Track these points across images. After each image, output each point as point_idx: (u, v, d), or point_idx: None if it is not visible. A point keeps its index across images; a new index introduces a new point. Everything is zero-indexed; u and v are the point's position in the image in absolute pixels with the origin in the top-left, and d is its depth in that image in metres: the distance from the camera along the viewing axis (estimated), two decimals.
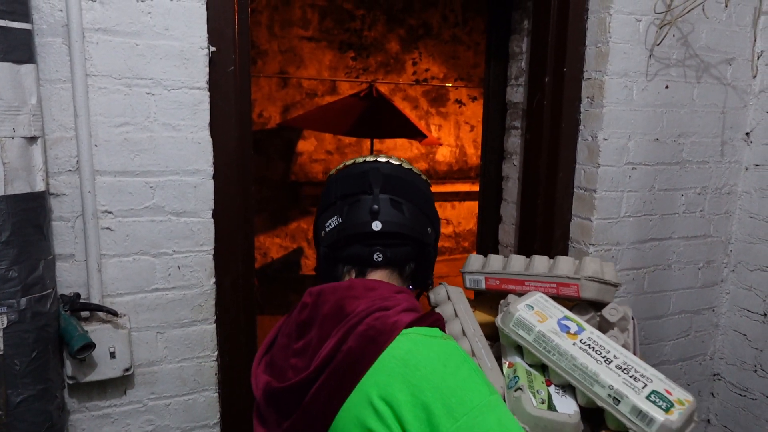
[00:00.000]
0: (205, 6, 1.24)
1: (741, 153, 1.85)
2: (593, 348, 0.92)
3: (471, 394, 0.72)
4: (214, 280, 1.36)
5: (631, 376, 0.87)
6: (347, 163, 1.01)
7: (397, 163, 0.99)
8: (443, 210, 7.33)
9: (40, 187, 1.11)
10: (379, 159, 0.98)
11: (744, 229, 1.88)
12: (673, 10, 1.57)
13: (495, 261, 1.23)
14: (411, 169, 1.01)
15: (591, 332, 0.96)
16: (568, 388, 0.93)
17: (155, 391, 1.35)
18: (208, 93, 1.28)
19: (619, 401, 0.84)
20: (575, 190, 1.72)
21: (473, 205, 7.22)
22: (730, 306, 1.94)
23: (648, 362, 1.84)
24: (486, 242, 2.15)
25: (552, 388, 0.94)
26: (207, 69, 1.26)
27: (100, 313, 1.24)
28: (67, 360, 1.21)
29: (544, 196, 1.75)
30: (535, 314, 0.97)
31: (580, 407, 0.91)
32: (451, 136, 7.26)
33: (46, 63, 1.14)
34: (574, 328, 0.96)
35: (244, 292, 1.41)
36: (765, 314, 1.83)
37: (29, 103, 1.08)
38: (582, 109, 1.68)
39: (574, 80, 1.66)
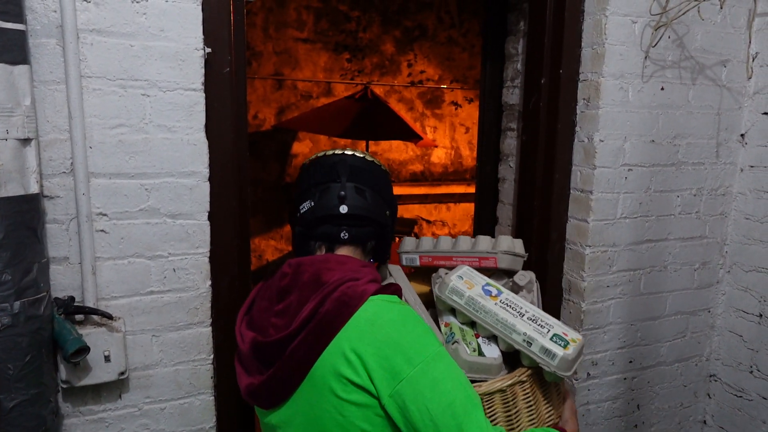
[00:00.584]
0: (200, 7, 1.23)
1: (736, 154, 1.86)
2: (510, 306, 1.18)
3: (425, 347, 0.92)
4: (209, 282, 1.35)
5: (538, 325, 1.14)
6: (318, 155, 1.17)
7: (361, 155, 1.16)
8: (438, 212, 7.33)
9: (33, 189, 1.10)
10: (346, 152, 1.15)
11: (739, 230, 1.89)
12: (668, 11, 1.58)
13: (426, 242, 1.45)
14: (373, 161, 1.17)
15: (507, 294, 1.22)
16: (492, 339, 1.19)
17: (150, 395, 1.33)
18: (204, 94, 1.27)
19: (530, 344, 1.11)
20: (571, 191, 1.72)
21: (469, 207, 7.23)
22: (726, 307, 1.95)
23: (645, 364, 1.85)
24: None
25: (480, 340, 1.20)
26: (202, 70, 1.26)
27: (95, 317, 1.23)
28: (61, 364, 1.19)
29: (540, 198, 1.75)
30: (465, 283, 1.22)
31: (502, 352, 1.17)
32: (447, 137, 7.26)
33: (39, 64, 1.13)
34: (494, 291, 1.21)
35: (240, 294, 1.40)
36: (761, 315, 1.83)
37: (23, 105, 1.07)
38: (578, 111, 1.68)
39: (570, 82, 1.66)
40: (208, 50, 1.27)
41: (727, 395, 1.96)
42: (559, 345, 1.10)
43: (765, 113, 1.79)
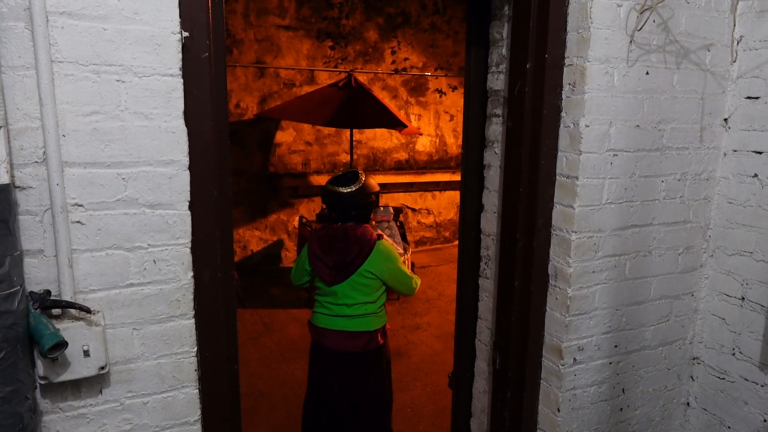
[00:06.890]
0: None
1: (719, 139, 1.86)
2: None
3: (394, 260, 2.57)
4: (191, 274, 1.32)
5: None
6: (332, 190, 2.52)
7: (352, 190, 2.50)
8: (424, 200, 7.32)
9: (4, 179, 1.06)
10: (345, 190, 2.49)
11: (722, 214, 1.90)
12: None
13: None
14: (359, 190, 2.51)
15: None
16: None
17: (132, 390, 1.31)
18: (182, 80, 1.23)
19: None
20: (557, 177, 1.71)
21: (454, 195, 7.24)
22: (709, 291, 1.96)
23: (630, 348, 1.86)
24: (468, 231, 2.14)
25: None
26: (180, 55, 1.22)
27: (72, 311, 1.19)
28: (38, 360, 1.16)
29: (526, 184, 1.74)
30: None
31: None
32: (431, 125, 7.24)
33: (7, 49, 1.08)
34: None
35: (223, 285, 1.38)
36: (743, 298, 1.85)
37: None
38: (563, 96, 1.67)
39: (556, 67, 1.65)
40: (186, 34, 1.23)
41: (710, 377, 1.99)
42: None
43: (748, 97, 1.79)
